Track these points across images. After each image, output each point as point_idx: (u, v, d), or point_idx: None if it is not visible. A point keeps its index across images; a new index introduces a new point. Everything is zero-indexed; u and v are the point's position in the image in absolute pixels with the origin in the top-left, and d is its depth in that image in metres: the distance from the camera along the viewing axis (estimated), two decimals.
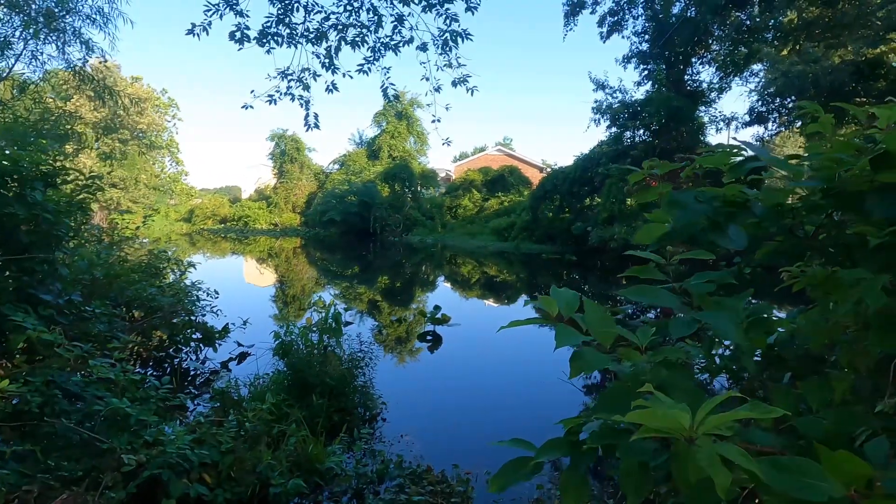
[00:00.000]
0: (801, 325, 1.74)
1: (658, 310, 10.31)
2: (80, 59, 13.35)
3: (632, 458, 1.12)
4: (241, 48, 5.88)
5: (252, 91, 6.19)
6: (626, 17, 23.89)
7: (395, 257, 26.29)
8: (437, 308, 10.21)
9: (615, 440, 1.19)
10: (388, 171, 38.74)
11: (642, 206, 2.02)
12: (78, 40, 12.90)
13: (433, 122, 7.06)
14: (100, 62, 13.28)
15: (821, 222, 1.75)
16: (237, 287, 15.77)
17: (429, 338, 9.62)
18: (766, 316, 1.53)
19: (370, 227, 35.11)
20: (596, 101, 24.50)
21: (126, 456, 3.29)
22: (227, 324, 7.87)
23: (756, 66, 22.37)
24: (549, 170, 35.04)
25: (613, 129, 24.26)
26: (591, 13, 23.99)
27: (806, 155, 1.78)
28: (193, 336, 7.46)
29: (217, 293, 8.19)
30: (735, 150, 1.82)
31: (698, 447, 0.93)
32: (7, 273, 4.54)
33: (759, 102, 21.81)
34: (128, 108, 36.30)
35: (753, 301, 1.83)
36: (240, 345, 7.91)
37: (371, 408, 5.77)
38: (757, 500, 1.25)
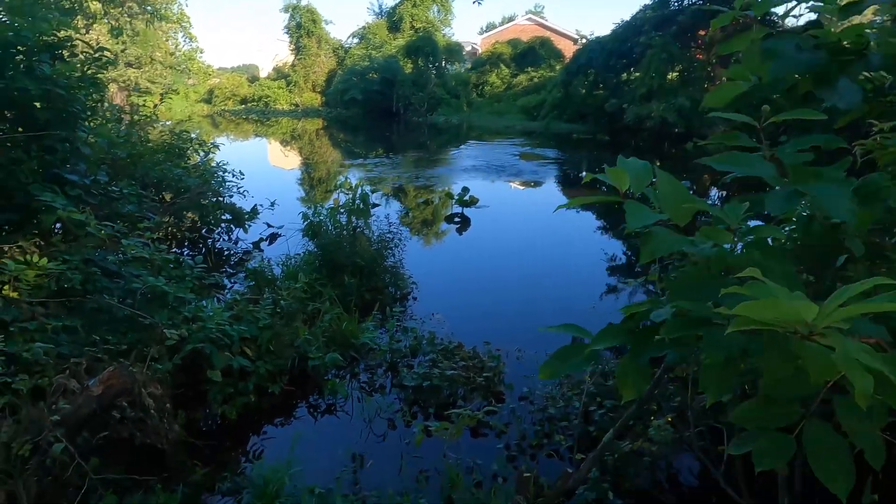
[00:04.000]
0: None
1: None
2: None
3: (718, 352, 0.97)
4: None
5: None
6: None
7: (419, 138, 25.58)
8: (464, 190, 10.00)
9: (696, 331, 1.04)
10: (410, 45, 36.32)
11: (722, 59, 1.67)
12: None
13: None
14: None
15: None
16: (263, 169, 15.69)
17: (456, 220, 9.54)
18: (879, 188, 1.29)
19: (393, 107, 33.81)
20: None
21: (168, 331, 3.38)
22: (256, 205, 7.86)
23: None
24: (583, 41, 32.34)
25: None
26: None
27: None
28: (223, 217, 7.50)
29: (243, 174, 8.08)
30: None
31: (821, 344, 0.76)
32: (30, 153, 4.44)
33: None
34: None
35: None
36: (269, 226, 7.97)
37: (401, 287, 5.85)
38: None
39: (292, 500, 2.77)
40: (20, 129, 4.41)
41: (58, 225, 4.32)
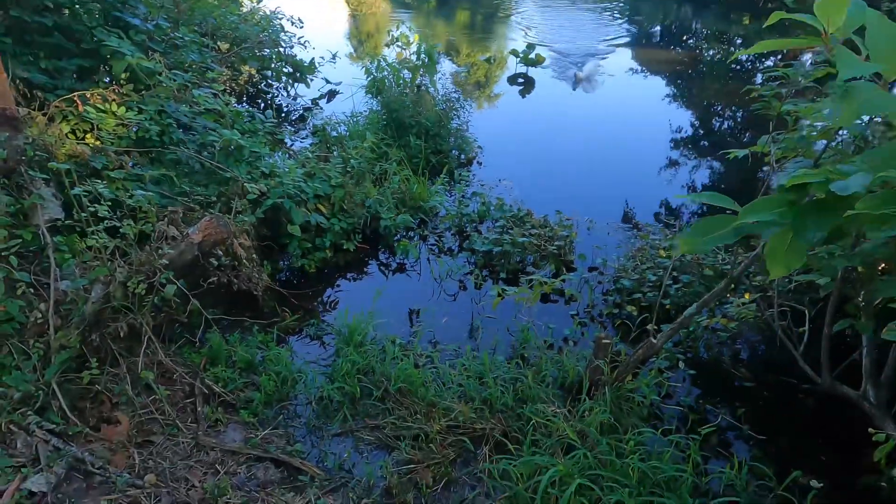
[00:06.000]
0: None
1: None
2: None
3: None
4: None
5: None
6: None
7: None
8: (529, 47, 9.18)
9: None
10: None
11: None
12: None
13: None
14: None
15: None
16: (307, 20, 14.78)
17: (520, 80, 8.92)
18: None
19: None
20: None
21: (249, 185, 3.43)
22: (313, 59, 7.50)
23: None
24: None
25: None
26: None
27: None
28: (284, 70, 7.22)
29: (302, 22, 7.58)
30: None
31: None
32: None
33: None
34: None
35: None
36: (328, 82, 7.67)
37: (467, 151, 5.67)
38: None
39: (376, 348, 2.96)
40: None
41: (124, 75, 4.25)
